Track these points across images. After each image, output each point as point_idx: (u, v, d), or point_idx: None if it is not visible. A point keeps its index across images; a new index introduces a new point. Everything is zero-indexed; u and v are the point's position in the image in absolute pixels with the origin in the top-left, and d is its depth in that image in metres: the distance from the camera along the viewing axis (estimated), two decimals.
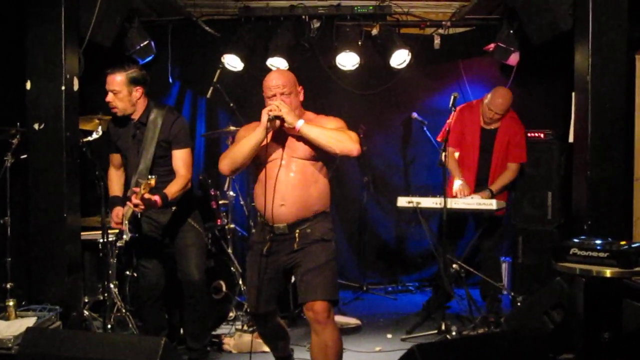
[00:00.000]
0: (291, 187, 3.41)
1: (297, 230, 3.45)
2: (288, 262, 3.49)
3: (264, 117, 3.33)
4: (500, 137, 5.33)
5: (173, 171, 4.02)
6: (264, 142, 3.39)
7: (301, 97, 3.58)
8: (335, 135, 3.38)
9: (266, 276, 3.52)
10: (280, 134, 3.46)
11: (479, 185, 5.33)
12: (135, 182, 3.97)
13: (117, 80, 3.94)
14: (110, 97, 3.96)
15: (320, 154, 3.44)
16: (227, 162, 3.48)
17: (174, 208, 4.01)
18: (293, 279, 3.74)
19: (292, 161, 3.44)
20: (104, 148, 4.39)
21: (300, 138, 3.41)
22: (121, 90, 3.95)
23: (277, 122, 3.35)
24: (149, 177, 3.62)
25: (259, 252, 3.53)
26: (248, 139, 3.41)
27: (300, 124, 3.35)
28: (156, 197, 3.71)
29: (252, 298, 3.58)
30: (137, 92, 4.00)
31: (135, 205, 3.68)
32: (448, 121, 5.22)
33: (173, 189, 3.87)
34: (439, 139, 5.55)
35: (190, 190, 4.09)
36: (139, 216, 4.05)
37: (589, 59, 4.33)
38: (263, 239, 3.53)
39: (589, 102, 4.34)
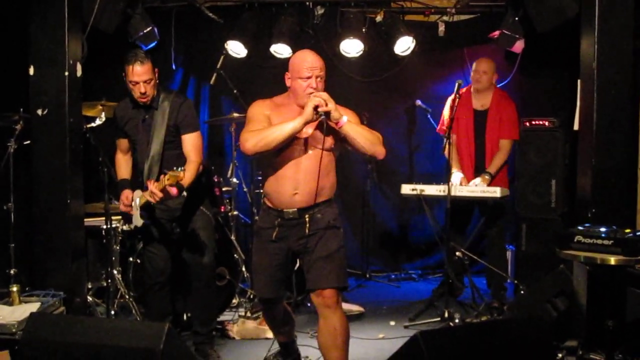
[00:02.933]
0: (306, 177, 3.38)
1: (307, 215, 3.43)
2: (298, 246, 3.48)
3: (309, 109, 3.24)
4: (492, 115, 5.36)
5: (182, 155, 4.00)
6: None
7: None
8: (370, 138, 3.39)
9: (274, 262, 3.52)
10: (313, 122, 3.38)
11: (478, 169, 5.35)
12: (148, 168, 3.95)
13: (149, 68, 3.89)
14: (143, 88, 3.88)
15: (337, 146, 3.45)
16: (256, 142, 3.31)
17: (184, 193, 3.98)
18: (297, 265, 3.75)
19: (312, 151, 3.40)
20: (107, 134, 4.38)
21: (323, 129, 3.32)
22: (152, 77, 3.92)
23: (322, 117, 3.28)
24: (178, 169, 3.47)
25: (267, 238, 3.52)
26: (284, 126, 3.29)
27: (344, 121, 3.31)
28: (173, 188, 3.61)
29: (260, 284, 3.62)
30: (157, 74, 3.99)
31: (152, 195, 3.59)
32: (444, 111, 5.28)
33: (189, 176, 3.77)
34: (440, 132, 5.56)
35: (200, 175, 4.07)
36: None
37: (595, 46, 4.30)
38: (271, 224, 3.51)
39: (595, 89, 4.32)
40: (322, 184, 3.41)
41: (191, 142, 4.01)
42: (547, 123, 5.49)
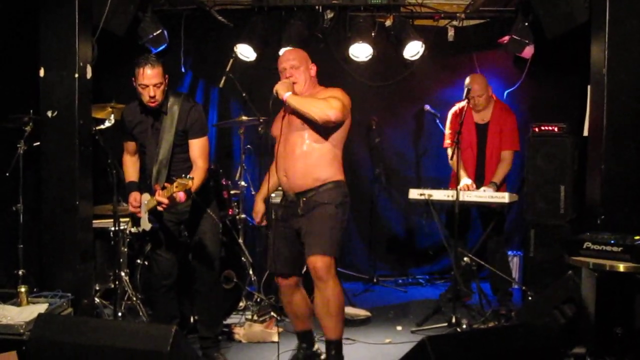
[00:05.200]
0: (290, 159, 3.77)
1: (303, 198, 3.76)
2: (296, 226, 3.82)
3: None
4: (493, 129, 5.38)
5: (189, 158, 4.00)
6: (277, 120, 3.93)
7: (312, 73, 3.93)
8: (315, 104, 3.69)
9: (279, 238, 3.90)
10: (283, 114, 3.87)
11: (477, 180, 5.34)
12: (157, 171, 3.95)
13: (159, 72, 3.89)
14: (153, 91, 3.87)
15: (311, 126, 3.74)
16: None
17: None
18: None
19: (290, 135, 3.80)
20: (117, 136, 4.39)
21: (293, 114, 3.77)
22: (162, 82, 3.92)
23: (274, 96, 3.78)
24: (187, 177, 3.51)
25: (276, 217, 3.97)
26: None
27: (286, 96, 3.71)
28: (181, 194, 3.63)
29: (269, 259, 3.98)
30: (167, 79, 4.00)
31: (159, 203, 3.66)
32: (446, 126, 5.31)
33: (195, 184, 3.74)
34: (446, 146, 5.56)
35: (208, 178, 4.07)
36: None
37: (605, 51, 4.27)
38: (279, 205, 3.99)
39: (605, 95, 4.29)
40: (306, 162, 3.75)
41: (198, 147, 4.00)
42: (556, 129, 5.47)
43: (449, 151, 5.48)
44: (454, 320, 4.73)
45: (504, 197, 4.90)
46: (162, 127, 3.98)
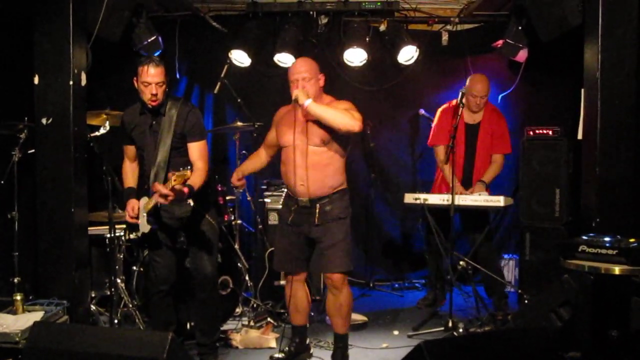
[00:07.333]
0: (307, 170, 3.90)
1: (318, 205, 3.95)
2: (310, 233, 4.02)
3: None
4: (484, 130, 5.37)
5: (189, 162, 3.98)
6: (286, 128, 4.00)
7: (321, 83, 4.04)
8: (338, 113, 3.80)
9: (289, 241, 4.10)
10: (300, 123, 3.94)
11: (465, 180, 5.36)
12: (155, 174, 3.94)
13: (162, 71, 3.92)
14: (155, 89, 3.89)
15: (331, 139, 3.91)
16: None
17: (190, 201, 3.98)
18: None
19: (308, 147, 3.91)
20: (112, 143, 4.39)
21: (313, 126, 3.89)
22: (164, 81, 3.94)
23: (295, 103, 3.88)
24: (184, 168, 3.55)
25: (284, 221, 4.13)
26: None
27: (307, 103, 3.79)
28: (185, 188, 3.67)
29: (276, 259, 4.23)
30: (167, 79, 4.01)
31: (164, 196, 3.60)
32: (433, 125, 5.27)
33: (197, 181, 3.81)
34: (430, 144, 5.56)
35: (207, 184, 4.08)
36: (159, 206, 3.97)
37: (598, 55, 4.30)
38: (288, 209, 4.10)
39: (599, 98, 4.31)
40: (323, 174, 3.93)
41: (197, 150, 4.01)
42: (550, 132, 5.48)
43: (439, 151, 5.48)
44: (450, 324, 4.73)
45: (500, 201, 4.90)
46: (160, 129, 3.98)
